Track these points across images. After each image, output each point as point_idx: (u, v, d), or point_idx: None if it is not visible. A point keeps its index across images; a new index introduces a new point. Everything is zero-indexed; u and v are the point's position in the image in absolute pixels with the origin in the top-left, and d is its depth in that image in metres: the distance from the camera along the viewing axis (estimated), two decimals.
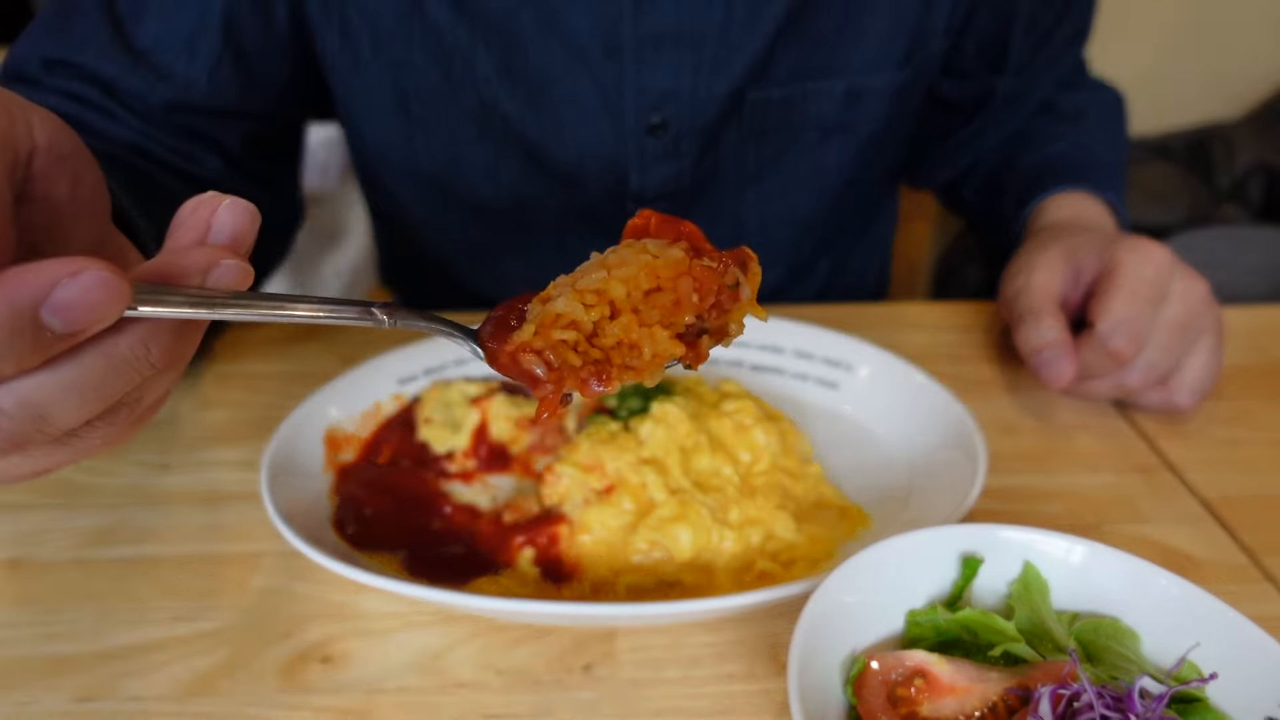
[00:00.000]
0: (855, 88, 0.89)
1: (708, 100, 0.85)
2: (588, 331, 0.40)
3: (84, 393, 0.33)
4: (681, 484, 0.59)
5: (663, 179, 0.89)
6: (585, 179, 0.89)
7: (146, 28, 0.76)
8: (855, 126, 0.92)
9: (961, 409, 0.66)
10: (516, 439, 0.68)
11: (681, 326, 0.41)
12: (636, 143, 0.86)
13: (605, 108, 0.84)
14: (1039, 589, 0.49)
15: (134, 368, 0.34)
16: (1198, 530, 0.63)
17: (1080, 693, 0.41)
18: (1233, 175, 1.64)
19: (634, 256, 0.41)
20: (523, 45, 0.82)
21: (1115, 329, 0.68)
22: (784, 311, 0.86)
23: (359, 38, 0.83)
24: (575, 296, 0.40)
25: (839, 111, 0.90)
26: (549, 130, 0.86)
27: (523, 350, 0.40)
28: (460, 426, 0.68)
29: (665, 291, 0.41)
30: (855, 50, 0.87)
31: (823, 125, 0.91)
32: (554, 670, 0.52)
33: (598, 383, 0.40)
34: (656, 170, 0.88)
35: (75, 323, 0.30)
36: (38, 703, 0.50)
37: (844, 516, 0.63)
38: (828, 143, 0.92)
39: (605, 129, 0.86)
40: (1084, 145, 0.95)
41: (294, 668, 0.52)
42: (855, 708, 0.44)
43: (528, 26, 0.81)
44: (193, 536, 0.62)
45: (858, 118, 0.91)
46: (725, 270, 0.41)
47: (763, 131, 0.89)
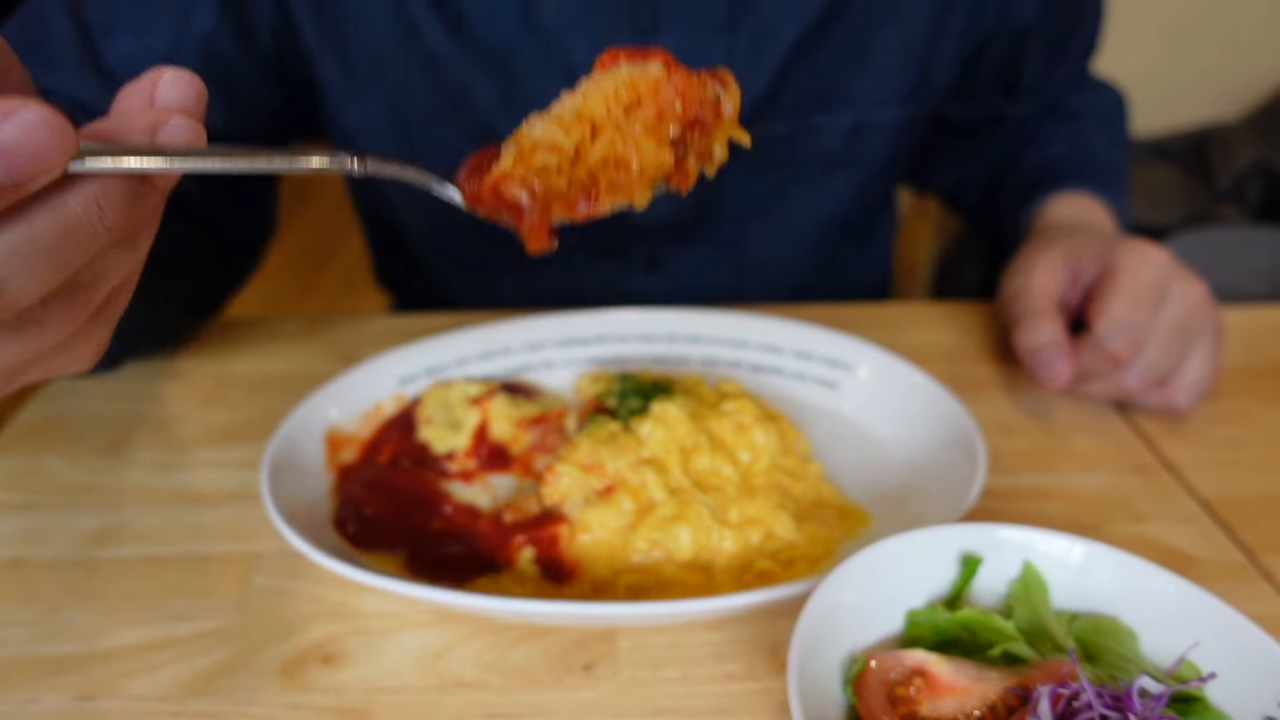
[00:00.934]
0: (861, 122, 0.88)
1: None
2: (569, 155, 0.38)
3: (35, 259, 0.30)
4: (681, 484, 0.59)
5: (666, 213, 0.89)
6: None
7: (118, 45, 0.73)
8: (859, 160, 0.91)
9: (961, 409, 0.66)
10: (517, 439, 0.68)
11: (667, 139, 0.39)
12: None
13: None
14: (1038, 589, 0.49)
15: (87, 231, 0.31)
16: (1196, 530, 0.64)
17: (1079, 692, 0.41)
18: (1232, 176, 1.64)
19: (609, 76, 0.39)
20: (522, 74, 0.81)
21: (1113, 331, 0.68)
22: (784, 311, 0.86)
23: (357, 63, 0.82)
24: (554, 121, 0.38)
25: (843, 146, 0.90)
26: None
27: (504, 181, 0.38)
28: (460, 426, 0.68)
29: (646, 104, 0.38)
30: (861, 84, 0.86)
31: (826, 159, 0.90)
32: (554, 670, 0.52)
33: (585, 203, 0.38)
34: (659, 202, 0.87)
35: (17, 170, 0.27)
36: (38, 702, 0.50)
37: (844, 516, 0.63)
38: (831, 176, 0.92)
39: None
40: (1085, 146, 0.95)
41: (294, 667, 0.52)
42: (855, 707, 0.44)
43: (527, 56, 0.80)
44: (193, 536, 0.62)
45: (862, 151, 0.91)
46: (706, 82, 0.39)
47: (766, 166, 0.89)
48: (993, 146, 1.03)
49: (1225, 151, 1.66)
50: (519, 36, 0.79)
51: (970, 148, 1.05)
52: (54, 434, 0.72)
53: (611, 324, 0.80)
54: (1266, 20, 1.77)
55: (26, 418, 0.75)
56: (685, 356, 0.80)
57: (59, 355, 0.36)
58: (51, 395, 0.77)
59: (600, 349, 0.80)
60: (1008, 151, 1.00)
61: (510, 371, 0.78)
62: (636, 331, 0.80)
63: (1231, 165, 1.64)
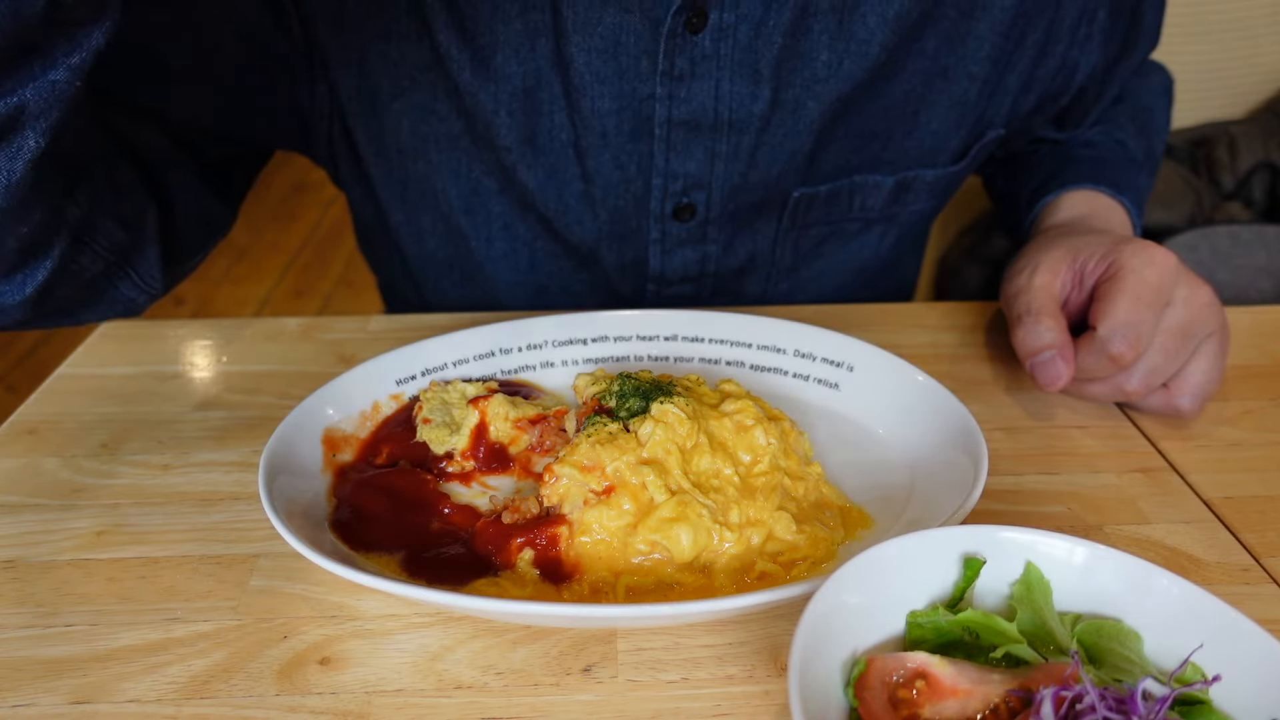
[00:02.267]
0: (905, 180, 0.85)
1: (742, 189, 0.81)
2: None
3: None
4: (681, 485, 0.59)
5: (685, 263, 0.86)
6: (603, 258, 0.86)
7: None
8: (898, 215, 0.89)
9: (963, 409, 0.66)
10: (515, 439, 0.67)
11: None
12: (660, 226, 0.83)
13: (629, 189, 0.81)
14: (1041, 590, 0.48)
15: None
16: (1200, 531, 0.63)
17: (1083, 695, 0.41)
18: (1236, 175, 1.64)
19: None
20: (547, 116, 0.78)
21: (1116, 332, 0.68)
22: (784, 312, 0.85)
23: (378, 80, 0.80)
24: None
25: (885, 204, 0.87)
26: (569, 206, 0.83)
27: None
28: (459, 427, 0.68)
29: None
30: (909, 145, 0.83)
31: (866, 216, 0.88)
32: (553, 672, 0.52)
33: None
34: (679, 254, 0.85)
35: None
36: (34, 705, 0.50)
37: (845, 517, 0.62)
38: (868, 231, 0.89)
39: (628, 209, 0.82)
40: (1116, 138, 0.92)
41: (292, 669, 0.52)
42: (856, 709, 0.43)
43: (553, 98, 0.77)
44: (190, 537, 0.62)
45: (904, 207, 0.88)
46: None
47: (805, 225, 0.86)
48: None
49: (1229, 150, 1.65)
50: (545, 77, 0.76)
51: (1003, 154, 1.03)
52: (50, 434, 0.72)
53: (611, 324, 0.80)
54: (1272, 19, 1.76)
55: (23, 418, 0.74)
56: (685, 356, 0.80)
57: None
58: (49, 396, 0.77)
59: (600, 349, 0.79)
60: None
61: (509, 371, 0.77)
62: (636, 331, 0.80)
63: (1236, 164, 1.64)
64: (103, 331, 0.87)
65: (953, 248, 1.82)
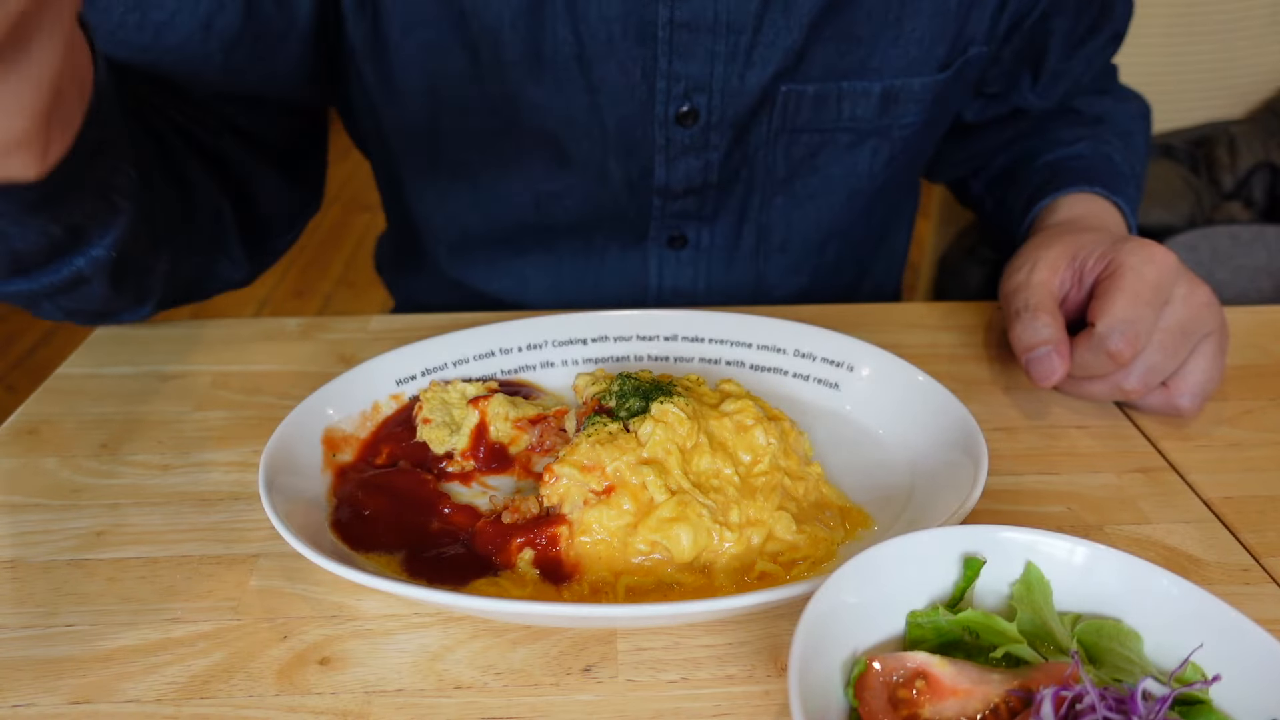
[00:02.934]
0: (892, 90, 0.87)
1: (740, 91, 0.84)
2: None
3: None
4: (681, 485, 0.59)
5: (689, 172, 0.88)
6: (609, 171, 0.88)
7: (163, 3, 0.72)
8: (889, 130, 0.90)
9: (963, 409, 0.66)
10: (516, 439, 0.67)
11: None
12: (665, 132, 0.85)
13: (633, 95, 0.83)
14: (1041, 590, 0.48)
15: None
16: (1200, 531, 0.63)
17: (1083, 694, 0.41)
18: (1236, 174, 1.64)
19: None
20: (552, 27, 0.80)
21: (1114, 330, 0.68)
22: (785, 312, 0.86)
23: (390, 21, 0.82)
24: None
25: (874, 114, 0.88)
26: (577, 116, 0.85)
27: None
28: (459, 427, 0.68)
29: None
30: (894, 51, 0.85)
31: (857, 128, 0.89)
32: (553, 672, 0.52)
33: None
34: (683, 163, 0.87)
35: None
36: (33, 705, 0.50)
37: (845, 517, 0.62)
38: (860, 146, 0.91)
39: (633, 117, 0.84)
40: (1102, 151, 0.94)
41: (292, 669, 0.52)
42: (856, 709, 0.43)
43: (558, 8, 0.79)
44: (190, 537, 0.62)
45: (893, 121, 0.89)
46: None
47: (795, 130, 0.88)
48: (1005, 135, 1.02)
49: (1229, 150, 1.65)
50: None
51: (982, 140, 1.04)
52: (50, 434, 0.72)
53: (611, 324, 0.80)
54: (1272, 19, 1.76)
55: (22, 418, 0.74)
56: (685, 356, 0.80)
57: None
58: (49, 396, 0.77)
59: (600, 349, 0.79)
60: (1024, 150, 0.99)
61: (509, 371, 0.77)
62: (636, 331, 0.80)
63: (1236, 164, 1.64)
64: (103, 332, 0.87)
65: (953, 248, 1.82)
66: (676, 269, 0.97)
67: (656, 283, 0.98)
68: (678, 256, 0.96)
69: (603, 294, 0.99)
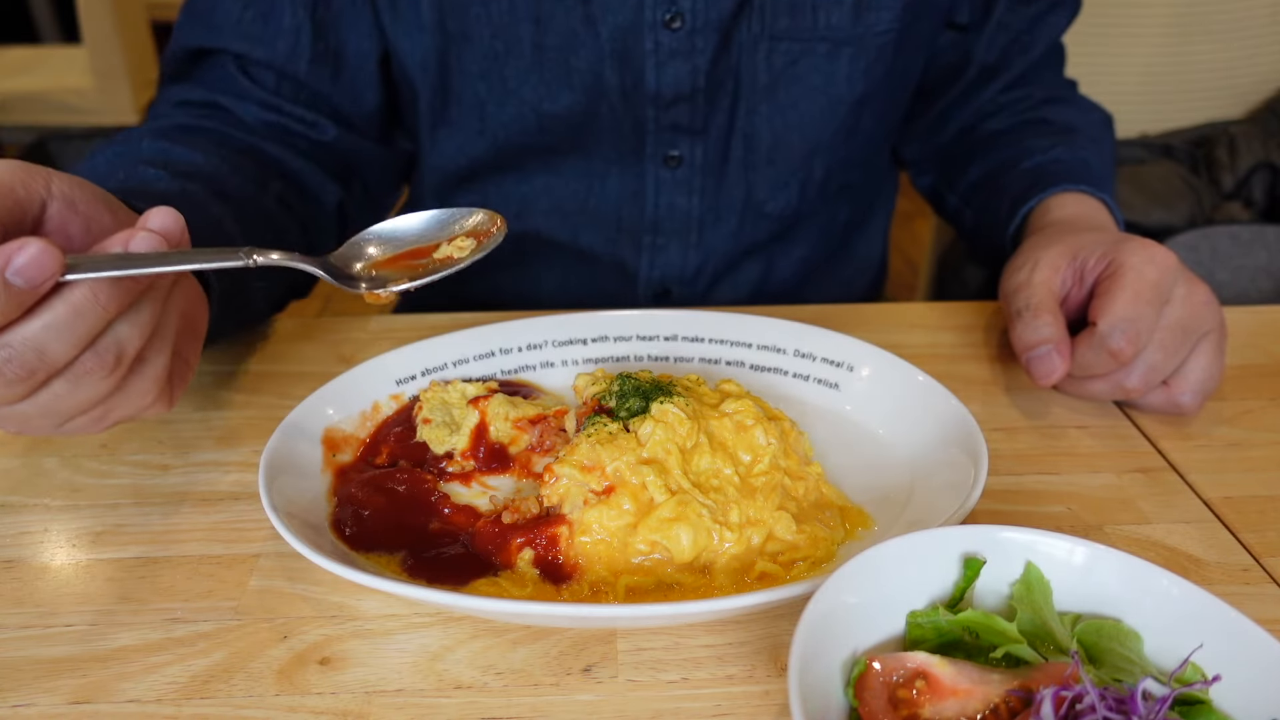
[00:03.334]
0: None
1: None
2: None
3: (61, 330, 0.48)
4: (681, 485, 0.59)
5: (678, 78, 0.92)
6: (605, 82, 0.92)
7: None
8: (864, 39, 0.94)
9: (962, 409, 0.66)
10: (515, 439, 0.67)
11: None
12: (654, 36, 0.90)
13: (624, 3, 0.88)
14: (1041, 590, 0.48)
15: (91, 309, 0.49)
16: (1200, 531, 0.63)
17: (1083, 695, 0.41)
18: (1236, 174, 1.64)
19: None
20: None
21: (1116, 328, 0.68)
22: (785, 312, 0.86)
23: None
24: None
25: (849, 22, 0.92)
26: (575, 28, 0.89)
27: None
28: (459, 427, 0.68)
29: None
30: None
31: (833, 37, 0.93)
32: (553, 672, 0.52)
33: None
34: (672, 67, 0.92)
35: (31, 278, 0.46)
36: (33, 705, 0.50)
37: (845, 517, 0.62)
38: (838, 55, 0.94)
39: (625, 25, 0.89)
40: (1079, 156, 0.96)
41: (292, 669, 0.52)
42: (856, 709, 0.43)
43: None
44: (190, 537, 0.62)
45: (866, 29, 0.93)
46: None
47: (774, 37, 0.92)
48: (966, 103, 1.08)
49: (1230, 150, 1.65)
50: None
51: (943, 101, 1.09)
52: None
53: (611, 324, 0.80)
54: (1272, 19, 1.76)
55: None
56: (685, 356, 0.80)
57: (119, 400, 0.55)
58: None
59: (600, 349, 0.79)
60: (1001, 159, 1.01)
61: (509, 371, 0.77)
62: (636, 331, 0.80)
63: (1236, 164, 1.64)
64: None
65: (953, 248, 1.82)
66: (673, 188, 1.00)
67: (654, 202, 1.01)
68: (673, 175, 0.99)
69: (603, 215, 1.02)
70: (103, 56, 2.58)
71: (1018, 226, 0.92)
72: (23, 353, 0.48)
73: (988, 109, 1.08)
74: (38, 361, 0.49)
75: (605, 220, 1.02)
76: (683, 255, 1.04)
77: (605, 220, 1.02)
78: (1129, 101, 1.74)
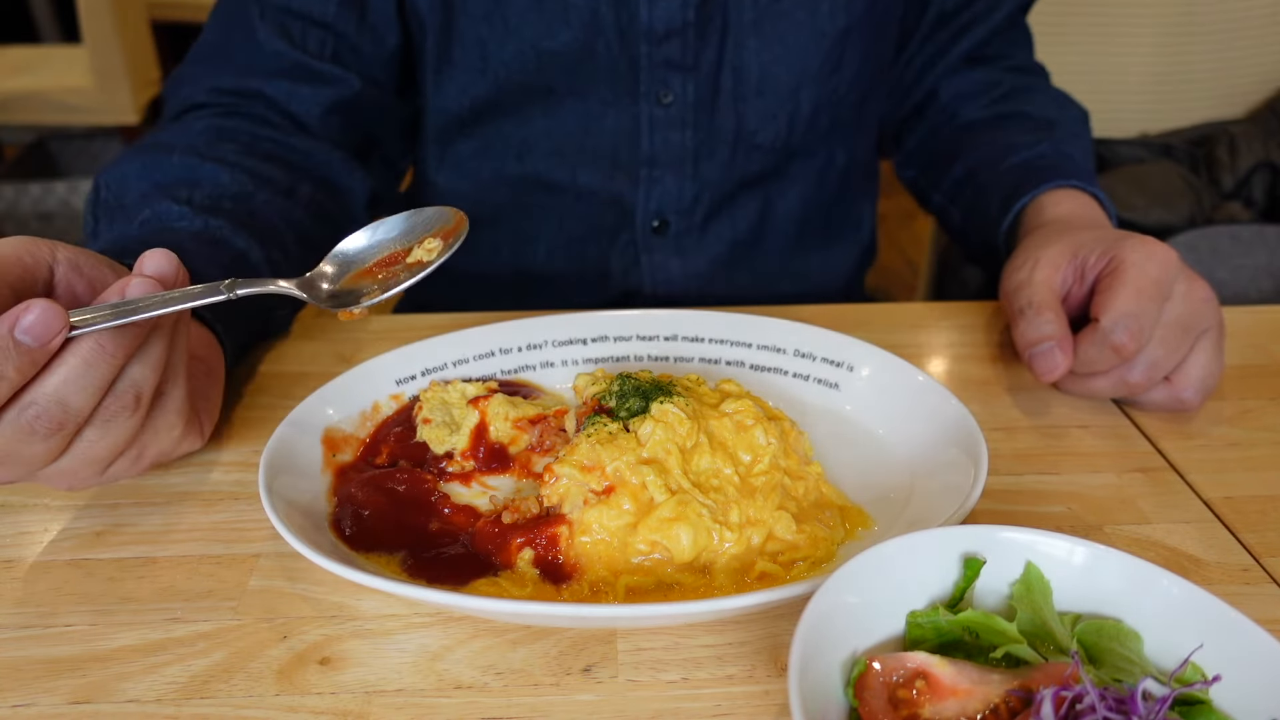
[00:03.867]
0: None
1: None
2: None
3: (77, 381, 0.52)
4: (681, 484, 0.59)
5: (669, 12, 0.95)
6: (601, 16, 0.95)
7: None
8: None
9: (962, 409, 0.66)
10: (515, 439, 0.67)
11: None
12: None
13: None
14: (1041, 590, 0.48)
15: (100, 358, 0.52)
16: (1201, 531, 0.63)
17: (1083, 695, 0.41)
18: (1236, 174, 1.63)
19: None
20: None
21: (1119, 323, 0.68)
22: (785, 312, 0.86)
23: None
24: None
25: None
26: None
27: None
28: (459, 427, 0.68)
29: None
30: None
31: None
32: (553, 672, 0.52)
33: None
34: (664, 2, 0.95)
35: (39, 335, 0.49)
36: (33, 705, 0.50)
37: (845, 517, 0.62)
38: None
39: None
40: (1063, 151, 0.97)
41: (292, 669, 0.52)
42: (856, 709, 0.43)
43: None
44: (190, 537, 0.62)
45: None
46: None
47: None
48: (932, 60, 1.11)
49: (1230, 150, 1.65)
50: None
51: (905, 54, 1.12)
52: None
53: (611, 324, 0.80)
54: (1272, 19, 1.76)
55: None
56: (685, 356, 0.80)
57: (149, 437, 0.59)
58: None
59: (600, 349, 0.79)
60: (983, 157, 1.02)
61: (509, 371, 0.77)
62: (636, 331, 0.80)
63: (1236, 164, 1.64)
64: None
65: (952, 248, 1.82)
66: (666, 124, 1.02)
67: (649, 138, 1.03)
68: (666, 112, 1.02)
69: (600, 152, 1.04)
70: (103, 56, 2.58)
71: (1011, 224, 0.92)
72: (48, 408, 0.51)
73: (963, 88, 1.10)
74: (63, 414, 0.52)
75: (602, 157, 1.04)
76: (679, 186, 1.06)
77: (602, 157, 1.04)
78: (1129, 101, 1.73)
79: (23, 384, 0.51)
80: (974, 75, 1.10)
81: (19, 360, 0.49)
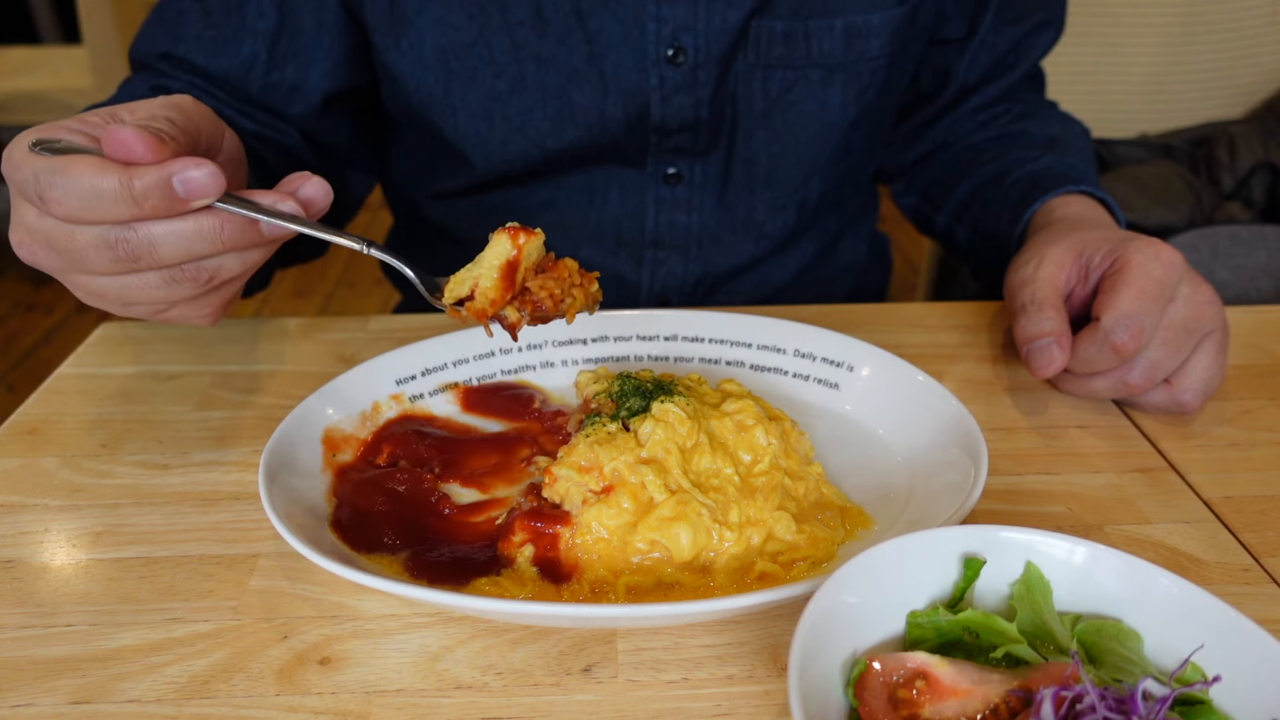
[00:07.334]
0: (854, 26, 0.93)
1: (721, 30, 0.90)
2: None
3: (179, 240, 0.55)
4: (681, 484, 0.59)
5: (681, 109, 0.94)
6: (610, 116, 0.93)
7: None
8: (856, 65, 0.96)
9: (962, 409, 0.66)
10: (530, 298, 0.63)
11: None
12: (658, 73, 0.91)
13: (628, 41, 0.90)
14: (1041, 590, 0.48)
15: (212, 236, 0.55)
16: (1200, 531, 0.63)
17: (1083, 695, 0.41)
18: (1236, 174, 1.63)
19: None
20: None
21: (1119, 323, 0.68)
22: (785, 312, 0.86)
23: (406, 2, 0.89)
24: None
25: (840, 49, 0.94)
26: (578, 67, 0.90)
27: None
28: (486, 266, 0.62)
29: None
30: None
31: (826, 63, 0.95)
32: (553, 672, 0.52)
33: None
34: (676, 101, 0.93)
35: (191, 192, 0.53)
36: (34, 705, 0.50)
37: (845, 517, 0.62)
38: (831, 81, 0.96)
39: (629, 62, 0.91)
40: (1067, 162, 0.98)
41: (292, 669, 0.52)
42: (856, 709, 0.43)
43: None
44: (191, 537, 0.62)
45: (858, 55, 0.95)
46: None
47: (769, 65, 0.94)
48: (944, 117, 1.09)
49: (1230, 150, 1.65)
50: None
51: (921, 114, 1.10)
52: (50, 435, 0.72)
53: (611, 324, 0.80)
54: (1272, 19, 1.76)
55: (23, 418, 0.74)
56: (685, 356, 0.80)
57: (186, 307, 0.61)
58: (49, 396, 0.77)
59: (600, 349, 0.79)
60: (989, 173, 1.02)
61: (509, 371, 0.77)
62: (636, 331, 0.80)
63: (1236, 164, 1.64)
64: (103, 332, 0.87)
65: None
66: (673, 205, 1.01)
67: (654, 218, 1.02)
68: (673, 193, 1.00)
69: (604, 229, 1.02)
70: (103, 56, 2.59)
71: (1023, 231, 0.92)
72: (138, 244, 0.54)
73: (966, 126, 1.09)
74: (147, 253, 0.55)
75: (606, 235, 1.02)
76: (683, 268, 1.04)
77: (606, 235, 1.02)
78: (1129, 101, 1.73)
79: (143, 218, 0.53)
80: (981, 116, 1.09)
81: (158, 201, 0.52)
